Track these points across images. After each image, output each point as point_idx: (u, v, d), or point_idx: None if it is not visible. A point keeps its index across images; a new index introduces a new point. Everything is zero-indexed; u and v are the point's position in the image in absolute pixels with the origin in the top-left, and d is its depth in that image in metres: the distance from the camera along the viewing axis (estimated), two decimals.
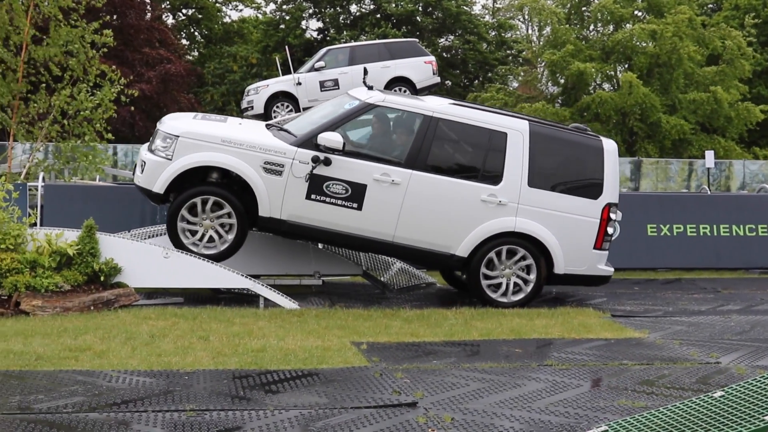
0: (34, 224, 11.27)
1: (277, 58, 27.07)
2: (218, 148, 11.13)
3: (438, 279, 13.99)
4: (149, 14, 41.34)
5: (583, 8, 39.79)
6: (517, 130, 11.72)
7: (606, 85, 39.39)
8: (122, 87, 18.34)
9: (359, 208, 11.22)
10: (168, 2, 48.61)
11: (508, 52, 50.91)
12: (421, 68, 23.64)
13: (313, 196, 11.15)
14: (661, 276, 15.72)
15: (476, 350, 8.99)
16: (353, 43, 26.55)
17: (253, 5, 53.16)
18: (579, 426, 6.37)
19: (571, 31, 38.29)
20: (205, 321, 9.92)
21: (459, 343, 9.33)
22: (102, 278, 10.73)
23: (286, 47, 26.07)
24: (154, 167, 11.19)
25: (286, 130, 11.83)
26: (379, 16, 48.06)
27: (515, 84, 49.29)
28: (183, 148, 11.12)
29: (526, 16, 51.85)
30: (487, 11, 58.20)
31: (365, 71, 13.39)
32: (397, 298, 12.30)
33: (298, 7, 48.37)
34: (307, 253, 12.60)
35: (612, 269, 12.24)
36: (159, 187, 11.13)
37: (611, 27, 38.90)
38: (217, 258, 11.22)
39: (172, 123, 11.66)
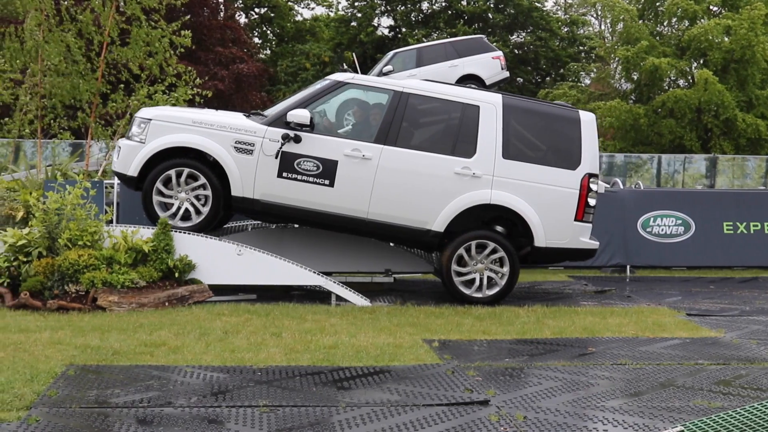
0: (111, 221, 11.46)
1: (344, 63, 27.10)
2: (189, 129, 11.31)
3: None
4: (222, 13, 41.73)
5: (657, 3, 39.23)
6: (489, 103, 11.68)
7: (681, 82, 38.81)
8: (197, 89, 18.58)
9: (331, 184, 11.25)
10: (241, 1, 49.06)
11: (581, 48, 50.47)
12: (489, 64, 23.51)
13: (284, 174, 11.22)
14: (737, 274, 15.48)
15: (549, 348, 8.92)
16: (419, 45, 26.48)
17: (325, 3, 53.40)
18: (654, 426, 6.28)
19: (645, 27, 37.79)
20: (277, 317, 10.00)
21: (531, 341, 9.27)
22: (176, 275, 10.86)
23: (353, 54, 26.07)
24: (129, 151, 11.42)
25: (261, 114, 11.94)
26: (450, 13, 47.98)
27: (587, 81, 48.83)
28: (155, 130, 11.33)
29: (599, 12, 51.36)
30: (559, 7, 57.82)
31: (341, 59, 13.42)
32: None
33: (370, 5, 48.47)
34: (379, 250, 12.63)
35: (597, 243, 12.04)
36: (133, 170, 11.33)
37: (685, 23, 38.31)
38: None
39: (147, 110, 11.90)
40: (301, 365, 7.81)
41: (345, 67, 24.80)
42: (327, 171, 11.23)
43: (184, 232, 11.15)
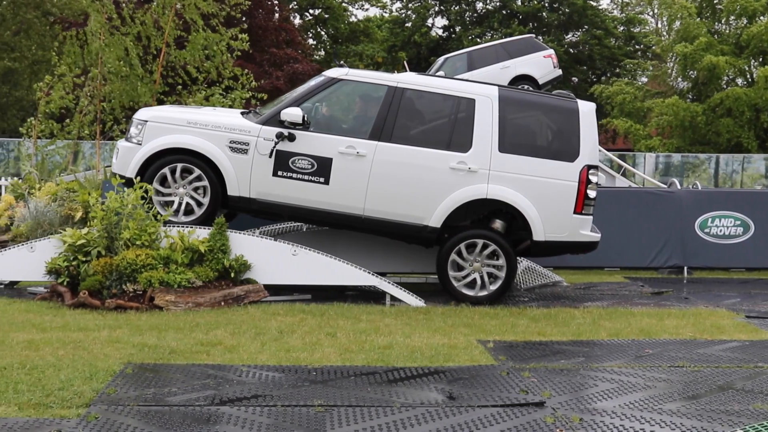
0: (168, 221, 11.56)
1: (402, 64, 27.13)
2: (184, 130, 11.33)
3: (565, 277, 13.85)
4: (277, 15, 41.96)
5: (715, 1, 38.79)
6: (485, 96, 11.52)
7: (739, 80, 38.33)
8: (253, 91, 18.76)
9: (326, 182, 11.20)
10: (295, 2, 49.31)
11: (637, 47, 50.04)
12: (541, 63, 23.38)
13: (279, 173, 11.19)
14: None
15: (605, 350, 8.85)
16: (469, 48, 26.38)
17: (379, 4, 53.54)
18: (712, 429, 6.21)
19: (703, 25, 37.37)
20: (332, 317, 10.03)
21: (587, 342, 9.21)
22: (232, 274, 10.94)
23: (405, 62, 25.99)
24: (126, 153, 11.49)
25: (257, 113, 11.91)
26: (504, 12, 47.82)
27: (644, 79, 48.40)
28: (152, 132, 11.37)
29: (656, 10, 50.89)
30: (615, 5, 57.38)
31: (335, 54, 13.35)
32: (524, 297, 12.21)
33: (424, 6, 48.46)
34: (433, 251, 12.60)
35: (598, 235, 11.79)
36: (131, 171, 11.39)
37: (744, 20, 37.83)
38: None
39: (144, 111, 11.94)
40: (355, 365, 7.82)
41: (341, 62, 24.67)
42: (322, 169, 11.20)
43: (240, 232, 11.26)
